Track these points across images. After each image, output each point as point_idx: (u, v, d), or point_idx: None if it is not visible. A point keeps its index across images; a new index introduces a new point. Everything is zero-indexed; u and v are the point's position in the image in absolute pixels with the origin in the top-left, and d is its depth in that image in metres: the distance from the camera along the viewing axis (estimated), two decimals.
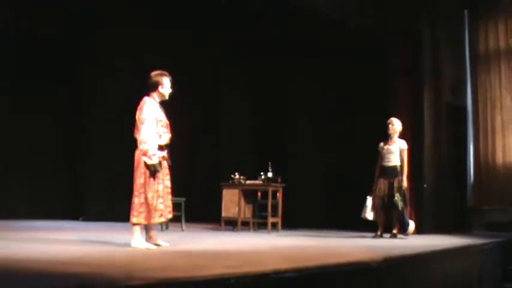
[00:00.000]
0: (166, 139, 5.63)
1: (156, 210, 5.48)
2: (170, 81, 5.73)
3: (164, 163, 5.60)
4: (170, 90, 5.73)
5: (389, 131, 8.18)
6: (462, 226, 10.25)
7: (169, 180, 5.69)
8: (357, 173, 9.35)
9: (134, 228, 5.45)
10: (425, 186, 9.33)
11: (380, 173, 8.15)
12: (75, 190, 10.62)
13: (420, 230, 8.78)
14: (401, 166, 8.06)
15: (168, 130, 5.68)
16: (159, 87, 5.64)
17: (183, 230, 8.47)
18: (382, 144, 8.21)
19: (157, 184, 5.48)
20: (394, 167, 8.06)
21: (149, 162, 5.41)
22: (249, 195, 9.08)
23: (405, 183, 8.02)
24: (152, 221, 5.52)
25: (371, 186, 8.20)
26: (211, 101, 11.97)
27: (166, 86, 5.68)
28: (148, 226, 5.56)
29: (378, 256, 5.12)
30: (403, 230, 8.04)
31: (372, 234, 8.04)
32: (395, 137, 8.18)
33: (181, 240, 6.60)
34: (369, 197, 8.18)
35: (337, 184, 10.52)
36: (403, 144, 8.16)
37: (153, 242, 5.57)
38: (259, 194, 9.21)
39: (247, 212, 9.01)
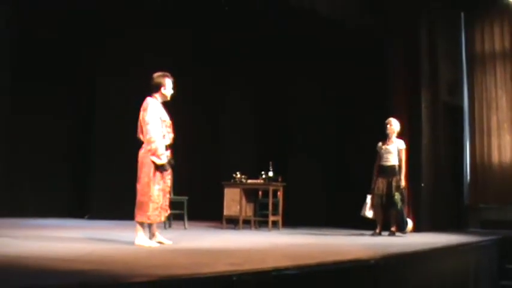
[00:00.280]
0: (169, 139, 5.68)
1: (162, 208, 5.57)
2: (172, 82, 5.76)
3: (171, 161, 5.67)
4: (172, 91, 5.77)
5: (387, 131, 8.22)
6: (459, 224, 10.35)
7: (170, 179, 5.77)
8: (357, 172, 9.41)
9: (138, 226, 5.50)
10: (422, 185, 9.38)
11: (378, 173, 8.20)
12: (80, 189, 10.62)
13: (418, 228, 8.86)
14: (399, 166, 8.10)
15: (172, 130, 5.73)
16: (162, 88, 5.67)
17: (186, 228, 8.46)
18: (380, 144, 8.25)
19: (162, 183, 5.55)
20: (393, 167, 8.11)
21: (158, 162, 5.46)
22: (250, 194, 9.10)
23: (403, 182, 8.07)
24: (158, 220, 5.60)
25: (370, 185, 8.26)
26: (211, 101, 11.92)
27: (168, 87, 5.71)
28: (151, 224, 5.60)
29: (376, 254, 5.20)
30: (401, 229, 8.12)
31: (371, 232, 8.10)
32: (393, 137, 8.22)
33: (183, 238, 6.62)
34: (369, 195, 8.25)
35: (336, 183, 10.55)
36: (401, 144, 8.21)
37: (156, 240, 5.62)
38: (260, 193, 9.22)
39: (248, 211, 9.02)
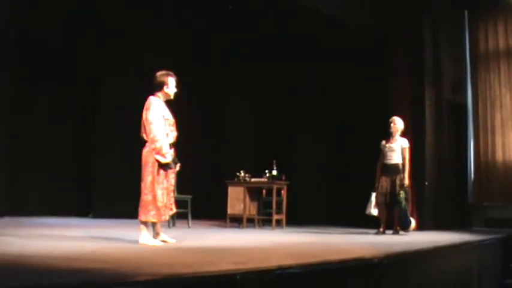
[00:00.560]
0: (173, 137, 5.69)
1: (166, 207, 5.58)
2: (175, 81, 5.77)
3: (175, 160, 5.69)
4: (175, 90, 5.78)
5: (391, 129, 8.21)
6: (463, 223, 10.36)
7: (173, 178, 5.76)
8: (359, 171, 9.42)
9: (142, 225, 5.50)
10: (426, 183, 9.39)
11: (382, 171, 8.19)
12: (84, 188, 10.63)
13: (421, 227, 8.88)
14: (403, 164, 8.10)
15: (175, 128, 5.75)
16: (164, 87, 5.68)
17: (190, 227, 8.49)
18: (384, 142, 8.24)
19: (165, 182, 5.56)
20: (396, 165, 8.10)
21: (163, 160, 5.47)
22: (254, 192, 9.11)
23: (407, 180, 8.07)
24: (163, 218, 5.61)
25: (373, 184, 8.26)
26: (212, 101, 11.88)
27: (171, 86, 5.72)
28: (155, 223, 5.60)
29: (380, 252, 5.21)
30: (405, 227, 8.13)
31: (374, 231, 8.10)
32: (397, 135, 8.21)
33: (187, 236, 6.63)
34: (373, 193, 8.27)
35: (340, 182, 10.58)
36: (405, 142, 8.20)
37: (160, 239, 5.62)
38: (264, 192, 9.23)
39: (252, 209, 9.03)
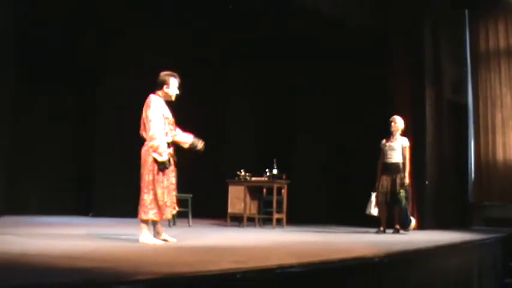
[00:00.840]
0: (172, 136, 5.67)
1: (167, 206, 5.56)
2: (178, 83, 5.73)
3: (171, 160, 5.66)
4: (177, 91, 5.73)
5: (391, 129, 8.22)
6: (463, 222, 10.36)
7: (174, 176, 5.73)
8: (360, 170, 9.45)
9: (142, 224, 5.49)
10: (427, 183, 9.39)
11: (382, 170, 8.21)
12: (85, 187, 10.64)
13: (422, 226, 8.88)
14: (403, 163, 8.11)
15: (175, 128, 5.74)
16: (165, 86, 5.65)
17: (190, 226, 8.51)
18: (384, 141, 8.26)
19: (165, 180, 5.55)
20: (396, 164, 8.11)
21: (160, 159, 5.45)
22: (255, 191, 9.13)
23: (407, 179, 8.09)
24: (164, 217, 5.60)
25: (374, 183, 8.28)
26: (212, 101, 11.88)
27: (172, 87, 5.68)
28: (156, 222, 5.60)
29: (381, 251, 5.22)
30: (405, 226, 8.15)
31: (375, 230, 8.12)
32: (397, 135, 8.23)
33: (188, 235, 6.65)
34: (373, 193, 8.28)
35: (340, 181, 10.59)
36: (405, 141, 8.21)
37: (161, 238, 5.62)
38: (264, 191, 9.24)
39: (252, 208, 9.05)
